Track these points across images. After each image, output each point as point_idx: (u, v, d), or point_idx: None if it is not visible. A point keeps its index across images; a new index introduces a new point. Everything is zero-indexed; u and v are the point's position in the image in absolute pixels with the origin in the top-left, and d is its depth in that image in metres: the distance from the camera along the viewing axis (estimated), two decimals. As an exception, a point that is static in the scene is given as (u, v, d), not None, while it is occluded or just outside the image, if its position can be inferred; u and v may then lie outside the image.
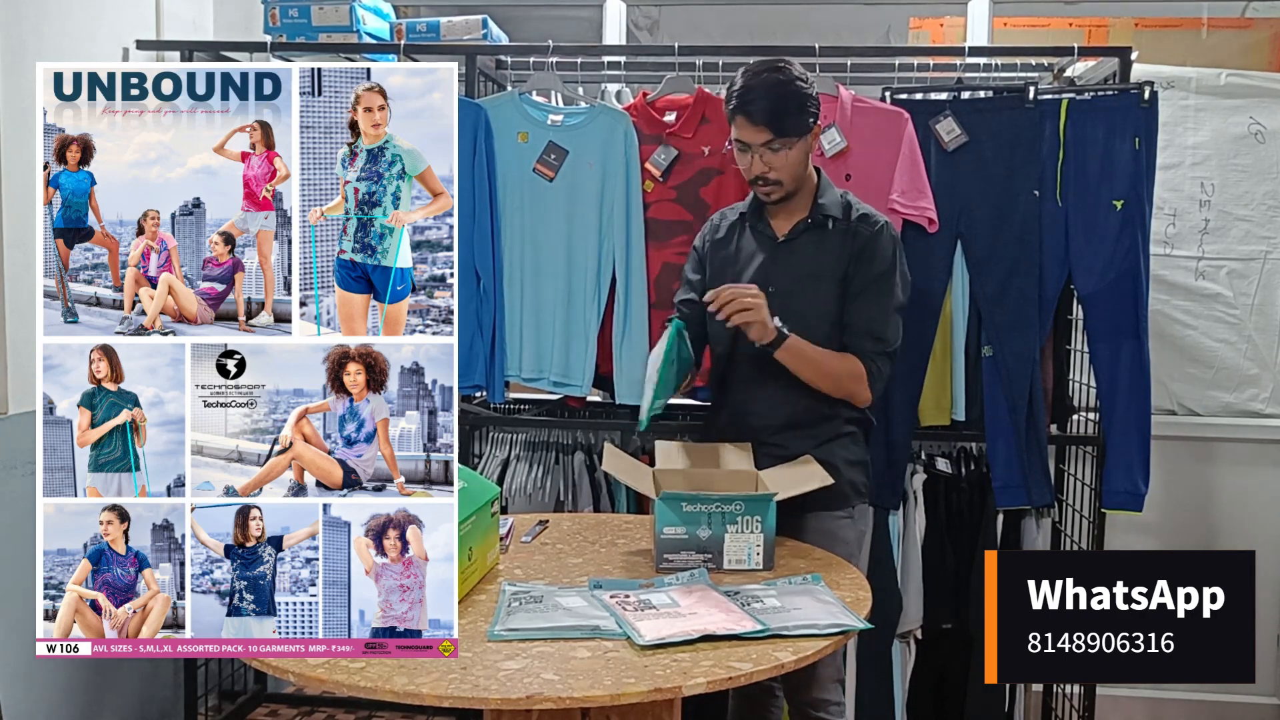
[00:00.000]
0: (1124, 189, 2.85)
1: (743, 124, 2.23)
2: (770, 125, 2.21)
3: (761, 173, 2.26)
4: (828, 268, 2.31)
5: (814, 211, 2.33)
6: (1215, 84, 3.52)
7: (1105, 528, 2.98)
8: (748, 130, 2.23)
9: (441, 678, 1.51)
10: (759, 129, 2.22)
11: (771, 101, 2.20)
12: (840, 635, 1.72)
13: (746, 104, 2.21)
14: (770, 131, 2.22)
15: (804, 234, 2.34)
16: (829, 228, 2.33)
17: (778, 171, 2.26)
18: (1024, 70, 3.20)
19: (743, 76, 2.25)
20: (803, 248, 2.33)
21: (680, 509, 2.03)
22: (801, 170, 2.30)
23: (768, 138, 2.22)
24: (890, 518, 2.96)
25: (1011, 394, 2.89)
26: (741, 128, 2.24)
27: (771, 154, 2.24)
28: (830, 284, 2.30)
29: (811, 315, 2.27)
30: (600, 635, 1.67)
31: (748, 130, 2.23)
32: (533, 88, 3.00)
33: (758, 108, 2.20)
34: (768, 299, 2.21)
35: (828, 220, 2.33)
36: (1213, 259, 3.55)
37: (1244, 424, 3.53)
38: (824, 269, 2.31)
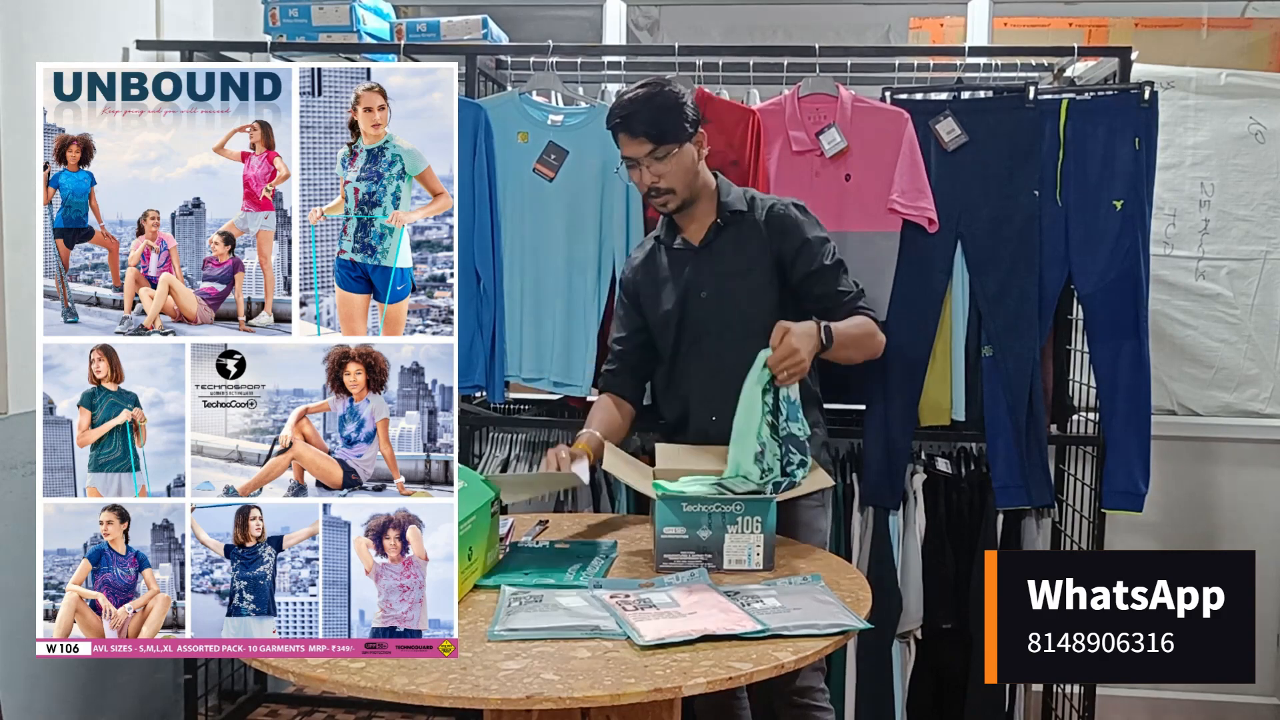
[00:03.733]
0: (1124, 189, 2.85)
1: (626, 140, 2.33)
2: (649, 135, 2.31)
3: (653, 183, 2.35)
4: (753, 260, 2.40)
5: (720, 211, 2.43)
6: (1215, 84, 3.52)
7: (1105, 528, 2.98)
8: (630, 145, 2.33)
9: (441, 678, 1.51)
10: (639, 141, 2.31)
11: (648, 113, 2.30)
12: (840, 635, 1.72)
13: (625, 120, 2.31)
14: (650, 141, 2.31)
15: (719, 234, 2.43)
16: (742, 223, 2.42)
17: (667, 179, 2.34)
18: (1024, 70, 3.20)
19: (619, 97, 2.37)
20: (723, 247, 2.42)
21: (680, 509, 2.03)
22: (693, 177, 2.38)
23: (650, 148, 2.31)
24: (890, 518, 2.96)
25: (1011, 394, 2.89)
26: (625, 144, 2.34)
27: (658, 163, 2.33)
28: (760, 274, 2.39)
29: (750, 308, 2.37)
30: (600, 635, 1.67)
31: (630, 145, 2.33)
32: (533, 88, 3.00)
33: (635, 120, 2.30)
34: (700, 303, 2.39)
35: (736, 215, 2.42)
36: (1213, 259, 3.55)
37: (1244, 424, 3.53)
38: (750, 262, 2.40)
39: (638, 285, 2.51)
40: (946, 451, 3.12)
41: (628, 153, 2.34)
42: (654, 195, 2.37)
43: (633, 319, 2.51)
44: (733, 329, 2.38)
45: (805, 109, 2.89)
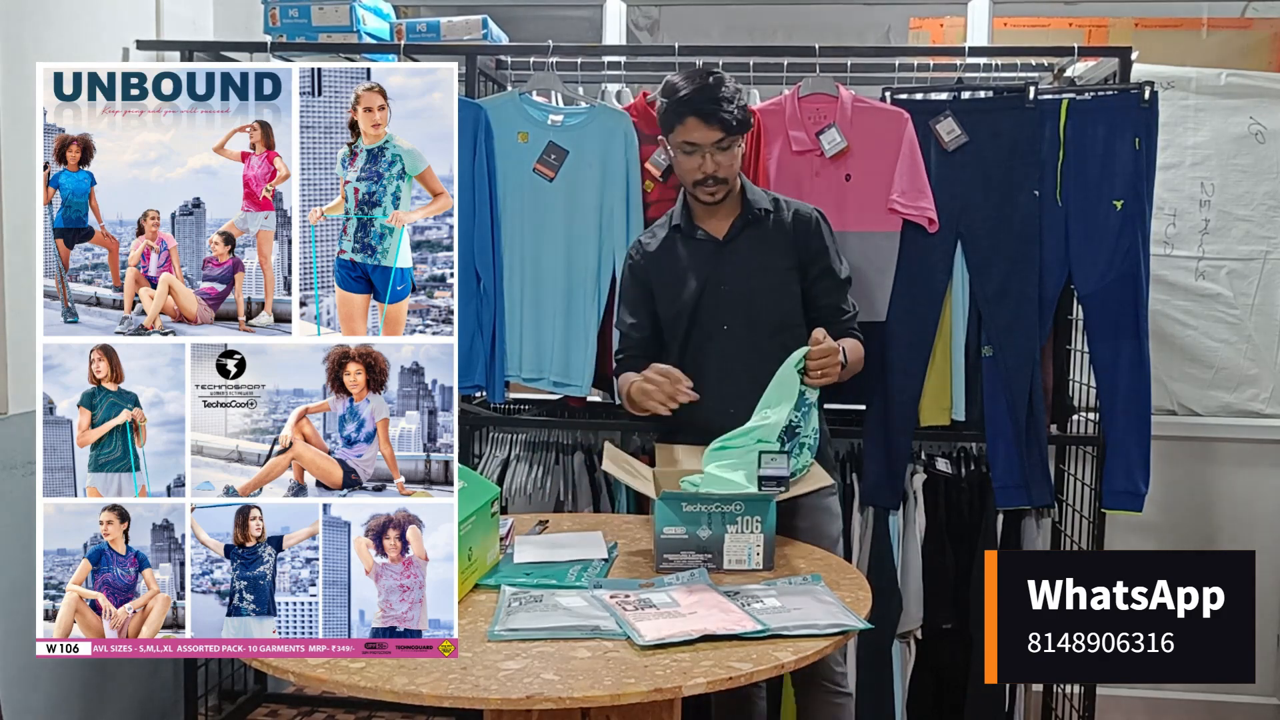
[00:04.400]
0: (1124, 189, 2.85)
1: (695, 125, 2.33)
2: (723, 124, 2.31)
3: (712, 172, 2.35)
4: (774, 258, 2.43)
5: (747, 209, 2.44)
6: (1215, 84, 3.52)
7: (1105, 528, 2.98)
8: (700, 131, 2.33)
9: (441, 678, 1.51)
10: (712, 128, 2.32)
11: (724, 102, 2.31)
12: (840, 635, 1.72)
13: (701, 105, 2.31)
14: (721, 130, 2.32)
15: (744, 231, 2.44)
16: (767, 221, 2.44)
17: (724, 170, 2.36)
18: (1024, 70, 3.19)
19: (688, 80, 2.35)
20: (746, 244, 2.44)
21: (680, 509, 2.03)
22: (738, 169, 2.42)
23: (719, 136, 2.32)
24: (890, 518, 2.96)
25: (1011, 394, 2.89)
26: (694, 129, 2.33)
27: (720, 153, 2.34)
28: (779, 273, 2.42)
29: (769, 304, 2.41)
30: (600, 635, 1.67)
31: (700, 131, 2.33)
32: (533, 88, 3.00)
33: (711, 109, 2.30)
34: (720, 296, 2.40)
35: (762, 213, 2.44)
36: (1213, 259, 3.55)
37: (1244, 424, 3.53)
38: (771, 260, 2.43)
39: (650, 273, 2.49)
40: (946, 451, 3.12)
41: (693, 138, 2.33)
42: (706, 184, 2.37)
43: (646, 305, 2.49)
44: (750, 324, 2.39)
45: (805, 109, 2.89)
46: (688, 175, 2.39)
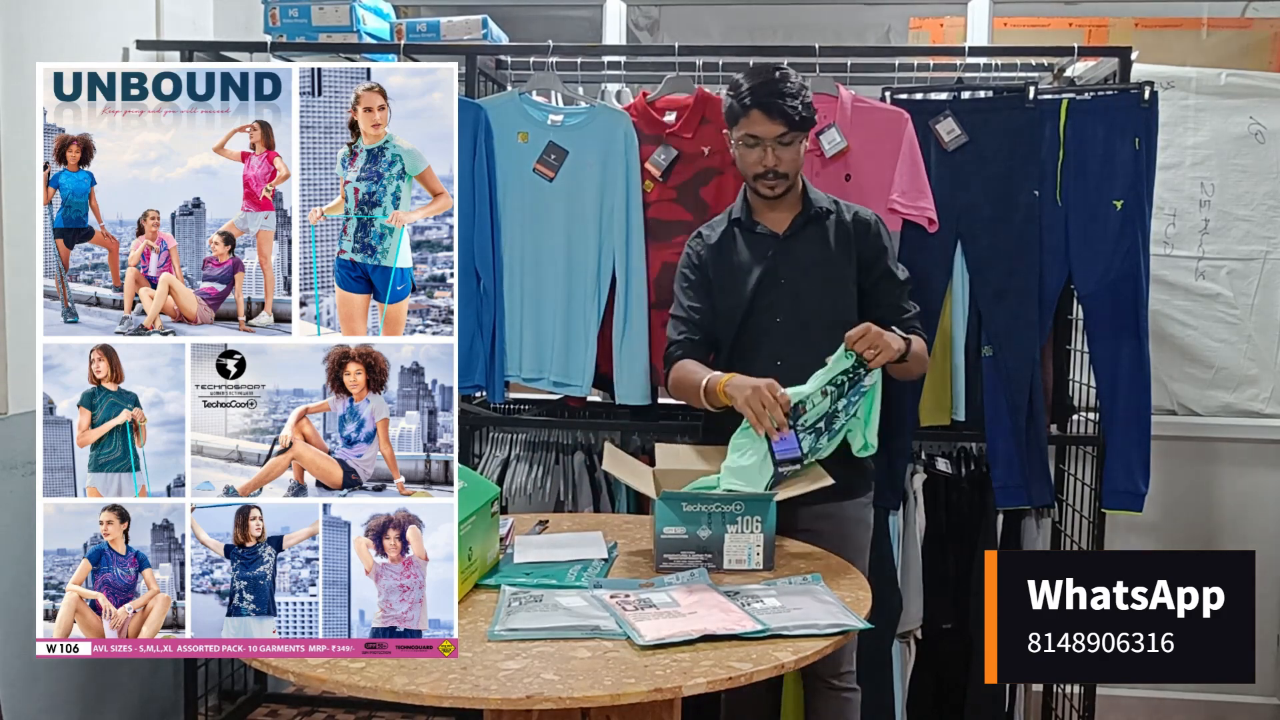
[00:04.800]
0: (1124, 189, 2.85)
1: (759, 118, 2.34)
2: (786, 119, 2.33)
3: (773, 165, 2.36)
4: (833, 256, 2.44)
5: (807, 206, 2.45)
6: (1215, 84, 3.52)
7: (1105, 528, 2.98)
8: (764, 124, 2.34)
9: (441, 678, 1.51)
10: (775, 123, 2.33)
11: (790, 98, 2.33)
12: (840, 635, 1.72)
13: (764, 99, 2.33)
14: (785, 125, 2.33)
15: (804, 228, 2.45)
16: (827, 219, 2.46)
17: (786, 165, 2.37)
18: (1024, 70, 3.20)
19: (752, 75, 2.37)
20: (805, 240, 2.45)
21: (680, 509, 2.03)
22: (800, 166, 2.43)
23: (782, 131, 2.34)
24: (890, 518, 2.96)
25: (1011, 394, 2.89)
26: (758, 122, 2.34)
27: (783, 148, 2.36)
28: (836, 271, 2.43)
29: (826, 301, 2.41)
30: (600, 635, 1.67)
31: (764, 124, 2.34)
32: (533, 88, 3.00)
33: (776, 103, 2.32)
34: (778, 290, 2.41)
35: (822, 212, 2.45)
36: (1213, 259, 3.55)
37: (1244, 424, 3.53)
38: (829, 258, 2.44)
39: (707, 263, 2.48)
40: (946, 451, 3.12)
41: (757, 131, 2.34)
42: (766, 177, 2.38)
43: (705, 294, 2.48)
44: (803, 320, 2.40)
45: (805, 109, 2.89)
46: (749, 168, 2.40)
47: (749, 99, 2.34)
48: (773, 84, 2.33)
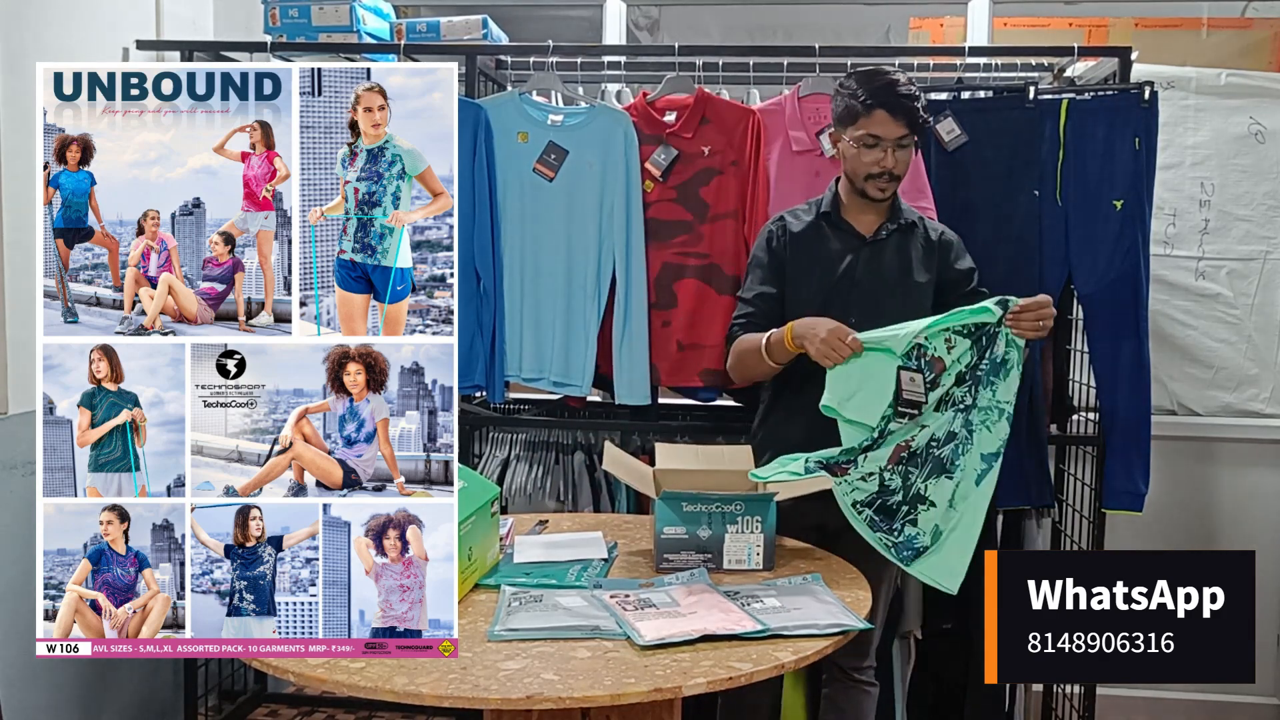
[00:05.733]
0: (1124, 189, 2.85)
1: (883, 119, 2.32)
2: (909, 121, 2.33)
3: (890, 167, 2.35)
4: (914, 267, 2.43)
5: (895, 216, 2.45)
6: (1215, 84, 3.52)
7: (1105, 528, 2.97)
8: (887, 125, 2.32)
9: (441, 678, 1.51)
10: (898, 124, 2.32)
11: (910, 100, 2.32)
12: (840, 635, 1.72)
13: (889, 100, 2.31)
14: (907, 127, 2.33)
15: (891, 236, 2.44)
16: (912, 233, 2.45)
17: (900, 167, 2.37)
18: (1024, 70, 3.20)
19: (870, 77, 2.36)
20: (889, 248, 2.44)
21: (680, 509, 2.03)
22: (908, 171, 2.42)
23: (903, 133, 2.33)
24: (890, 518, 2.95)
25: (1011, 394, 2.89)
26: (881, 123, 2.32)
27: (901, 150, 2.35)
28: (914, 281, 2.42)
29: (897, 308, 2.35)
30: (600, 635, 1.67)
31: (887, 125, 2.32)
32: (533, 88, 3.00)
33: (901, 105, 2.31)
34: (855, 291, 2.39)
35: (908, 225, 2.45)
36: (1213, 259, 3.55)
37: (1244, 424, 3.52)
38: (911, 268, 2.43)
39: (787, 251, 2.46)
40: (946, 451, 3.11)
41: (879, 131, 2.32)
42: (881, 179, 2.36)
43: (778, 278, 2.45)
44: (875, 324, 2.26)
45: (805, 109, 2.89)
46: (863, 168, 2.36)
47: (872, 100, 2.32)
48: (895, 85, 2.32)
